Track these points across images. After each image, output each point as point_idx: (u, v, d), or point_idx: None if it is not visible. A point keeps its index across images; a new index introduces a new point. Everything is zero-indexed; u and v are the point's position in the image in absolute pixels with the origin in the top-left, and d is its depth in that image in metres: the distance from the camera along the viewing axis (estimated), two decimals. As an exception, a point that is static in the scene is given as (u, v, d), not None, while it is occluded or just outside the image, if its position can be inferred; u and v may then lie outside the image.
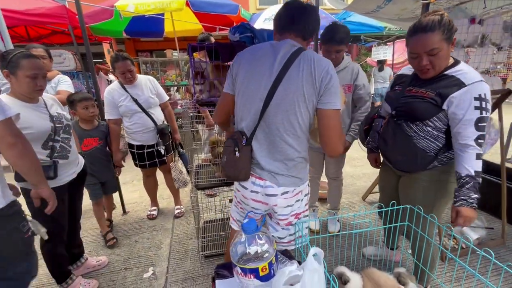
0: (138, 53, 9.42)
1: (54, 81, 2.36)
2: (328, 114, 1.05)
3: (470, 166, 1.16)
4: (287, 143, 1.10)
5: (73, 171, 1.64)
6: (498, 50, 2.02)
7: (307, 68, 1.03)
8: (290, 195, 1.16)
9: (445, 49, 1.18)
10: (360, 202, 2.80)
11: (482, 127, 1.17)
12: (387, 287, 1.27)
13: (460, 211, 1.20)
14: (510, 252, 1.99)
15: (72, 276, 1.74)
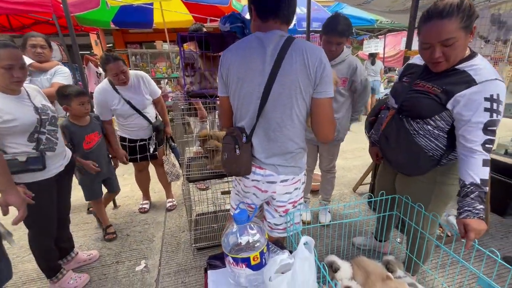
0: (127, 45, 9.18)
1: (51, 72, 2.26)
2: (323, 102, 1.05)
3: (476, 173, 1.05)
4: (286, 136, 1.11)
5: (61, 163, 1.60)
6: (486, 43, 2.06)
7: (300, 60, 1.00)
8: (289, 183, 1.17)
9: (462, 39, 1.03)
10: (351, 194, 2.85)
11: (491, 132, 1.04)
12: (375, 274, 1.31)
13: (468, 224, 1.06)
14: (493, 239, 2.07)
15: (62, 270, 1.72)
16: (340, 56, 1.86)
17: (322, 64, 1.01)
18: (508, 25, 2.00)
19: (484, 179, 1.05)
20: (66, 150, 1.71)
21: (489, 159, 1.06)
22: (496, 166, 2.56)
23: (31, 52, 2.20)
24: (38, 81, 2.22)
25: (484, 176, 1.05)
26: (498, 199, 2.27)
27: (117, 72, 2.00)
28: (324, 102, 1.06)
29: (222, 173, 1.80)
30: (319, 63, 1.01)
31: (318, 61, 1.01)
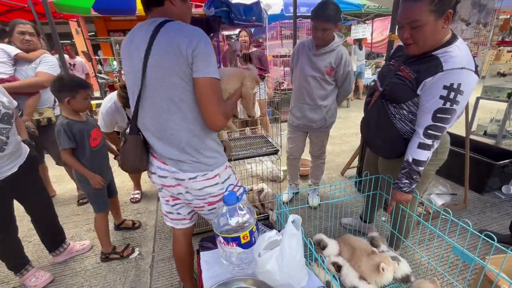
0: (110, 33, 8.85)
1: (36, 61, 2.14)
2: (200, 82, 0.95)
3: (410, 153, 1.16)
4: (174, 123, 1.01)
5: (14, 164, 1.50)
6: (467, 26, 2.10)
7: (171, 40, 0.93)
8: (201, 179, 1.07)
9: (431, 24, 1.03)
10: (339, 177, 2.93)
11: (440, 118, 1.06)
12: (361, 249, 1.38)
13: (393, 194, 1.28)
14: (470, 214, 2.20)
15: (27, 267, 1.70)
16: (330, 45, 1.85)
17: (194, 41, 0.92)
18: (488, 8, 2.04)
19: (417, 160, 1.15)
20: (23, 148, 1.60)
21: (429, 144, 1.11)
22: (475, 146, 2.69)
23: (19, 40, 2.10)
24: (22, 70, 2.11)
25: (417, 157, 1.15)
26: (476, 178, 2.39)
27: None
28: (202, 82, 0.95)
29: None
30: (189, 41, 0.92)
31: (188, 39, 0.92)
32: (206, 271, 1.04)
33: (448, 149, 1.37)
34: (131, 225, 2.23)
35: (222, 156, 1.14)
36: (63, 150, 1.56)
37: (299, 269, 0.91)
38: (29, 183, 1.63)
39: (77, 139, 1.60)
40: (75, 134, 1.58)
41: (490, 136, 3.20)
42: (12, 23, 2.15)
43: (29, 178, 1.62)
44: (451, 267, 1.67)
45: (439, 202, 2.18)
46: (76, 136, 1.59)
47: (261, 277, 0.91)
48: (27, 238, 2.13)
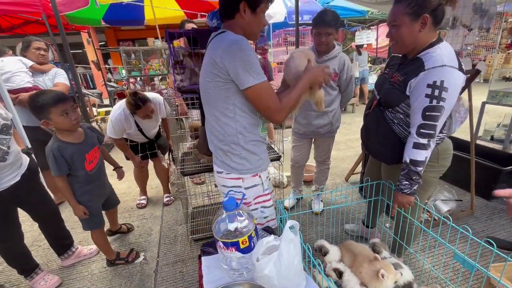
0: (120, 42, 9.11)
1: (51, 73, 2.43)
2: (247, 93, 1.04)
3: (407, 154, 1.18)
4: (217, 125, 1.15)
5: (16, 173, 1.52)
6: (469, 31, 2.11)
7: (209, 54, 1.06)
8: (224, 176, 1.22)
9: (407, 25, 1.10)
10: (343, 183, 2.92)
11: (429, 117, 1.09)
12: (362, 255, 1.38)
13: (394, 196, 1.28)
14: (477, 221, 2.16)
15: (37, 270, 1.75)
16: (331, 52, 1.92)
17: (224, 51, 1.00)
18: (490, 13, 2.04)
19: (414, 160, 1.15)
20: (23, 158, 1.61)
21: (423, 143, 1.13)
22: (482, 151, 2.65)
23: (34, 55, 2.39)
24: (41, 81, 2.40)
25: (414, 157, 1.15)
26: (483, 183, 2.35)
27: (147, 114, 2.10)
28: (249, 92, 1.03)
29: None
30: (220, 51, 1.01)
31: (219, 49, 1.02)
32: (207, 276, 1.06)
33: (450, 156, 1.37)
34: (127, 229, 2.29)
35: (251, 165, 1.20)
36: (56, 175, 1.48)
37: (297, 274, 0.92)
38: (32, 191, 1.67)
39: (69, 164, 1.49)
40: (66, 159, 1.46)
41: (497, 141, 3.14)
42: (27, 39, 2.40)
43: (31, 186, 1.65)
44: (455, 274, 1.65)
45: (444, 208, 2.15)
46: (68, 161, 1.48)
47: (259, 282, 0.92)
48: (37, 243, 2.19)
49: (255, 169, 1.22)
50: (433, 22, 1.11)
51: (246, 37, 1.10)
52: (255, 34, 1.15)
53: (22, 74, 2.28)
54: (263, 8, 1.10)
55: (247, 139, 1.16)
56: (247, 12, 1.07)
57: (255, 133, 1.18)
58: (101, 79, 5.63)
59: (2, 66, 2.23)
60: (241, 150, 1.16)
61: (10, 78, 2.23)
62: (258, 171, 1.23)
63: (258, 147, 1.21)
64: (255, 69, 1.01)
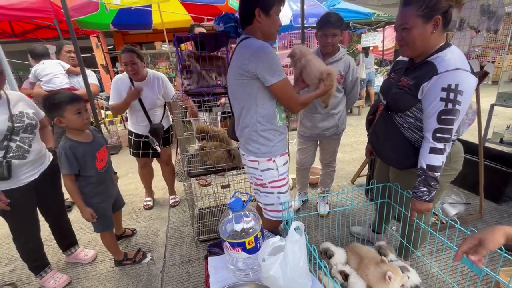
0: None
1: None
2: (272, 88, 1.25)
3: (423, 159, 1.15)
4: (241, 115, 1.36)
5: (36, 171, 1.60)
6: (476, 33, 2.09)
7: (236, 55, 1.27)
8: (245, 158, 1.44)
9: (419, 27, 1.10)
10: (349, 186, 2.91)
11: (445, 120, 1.07)
12: (368, 258, 1.38)
13: (412, 204, 1.23)
14: (486, 225, 2.12)
15: (46, 269, 1.79)
16: (336, 55, 1.94)
17: (251, 55, 1.19)
18: (498, 15, 2.02)
19: (431, 165, 1.13)
20: (47, 155, 1.68)
21: (440, 147, 1.10)
22: (491, 154, 2.61)
23: (66, 57, 2.67)
24: (75, 82, 2.66)
25: (431, 162, 1.13)
26: (493, 187, 2.32)
27: (126, 62, 2.12)
28: (273, 88, 1.24)
29: (222, 167, 1.88)
30: (247, 56, 1.20)
31: (246, 54, 1.21)
32: (213, 276, 1.07)
33: (462, 159, 1.35)
34: (131, 233, 2.30)
35: (266, 150, 1.37)
36: (65, 175, 1.50)
37: (302, 275, 0.93)
38: (50, 189, 1.75)
39: (81, 163, 1.51)
40: (78, 158, 1.49)
41: (507, 144, 3.08)
42: (59, 43, 2.70)
43: (50, 183, 1.73)
44: (463, 278, 1.62)
45: (452, 211, 2.12)
46: (80, 161, 1.50)
47: (265, 282, 0.93)
48: (48, 242, 2.24)
49: (269, 154, 1.37)
50: (443, 24, 1.11)
51: (265, 38, 1.29)
52: (273, 35, 1.31)
53: (62, 76, 2.55)
54: (276, 10, 1.25)
55: (264, 127, 1.33)
56: (262, 16, 1.23)
57: (273, 123, 1.35)
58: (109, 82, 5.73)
59: (44, 68, 2.49)
60: (258, 136, 1.34)
61: (51, 80, 2.49)
62: (272, 156, 1.38)
63: (274, 135, 1.37)
64: (276, 69, 1.21)
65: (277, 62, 1.22)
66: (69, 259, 2.02)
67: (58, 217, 1.90)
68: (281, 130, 1.39)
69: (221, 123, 2.92)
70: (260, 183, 1.44)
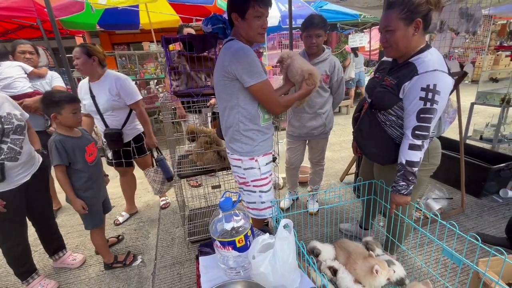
0: (114, 46, 9.10)
1: (48, 77, 2.42)
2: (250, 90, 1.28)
3: (402, 155, 1.21)
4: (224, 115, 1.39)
5: (28, 173, 1.59)
6: (456, 35, 2.18)
7: (220, 57, 1.30)
8: (230, 156, 1.47)
9: (401, 30, 1.15)
10: (338, 183, 2.97)
11: (424, 119, 1.13)
12: (356, 253, 1.42)
13: (391, 197, 1.31)
14: (468, 218, 2.22)
15: (33, 275, 1.75)
16: (322, 55, 1.98)
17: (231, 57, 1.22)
18: (476, 18, 2.12)
19: (410, 161, 1.19)
20: (36, 158, 1.67)
21: (418, 144, 1.17)
22: (471, 150, 2.72)
23: (21, 58, 2.35)
24: (39, 85, 2.37)
25: (410, 158, 1.19)
26: (474, 182, 2.42)
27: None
28: (252, 89, 1.27)
29: (212, 168, 1.88)
30: (228, 57, 1.22)
31: (227, 55, 1.23)
32: (204, 275, 1.09)
33: (439, 154, 1.42)
34: (116, 240, 2.22)
35: (248, 149, 1.39)
36: (54, 166, 1.54)
37: (291, 271, 0.95)
38: (39, 191, 1.73)
39: (71, 156, 1.56)
40: (68, 151, 1.55)
41: (486, 140, 3.23)
42: (13, 43, 2.39)
43: (39, 186, 1.71)
44: (446, 270, 1.69)
45: (435, 206, 2.20)
46: (70, 153, 1.56)
47: (255, 279, 0.95)
48: (34, 248, 2.18)
49: (251, 153, 1.40)
50: (424, 26, 1.17)
51: (248, 40, 1.30)
52: (254, 37, 1.29)
53: (23, 80, 2.25)
54: (252, 13, 1.23)
55: (247, 127, 1.36)
56: (239, 20, 1.25)
57: (256, 123, 1.37)
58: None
59: (0, 72, 2.19)
60: (241, 136, 1.37)
61: (11, 84, 2.19)
62: (254, 155, 1.40)
63: (257, 135, 1.39)
64: (255, 71, 1.23)
65: (256, 64, 1.23)
66: (56, 264, 1.98)
67: (46, 221, 1.86)
68: (264, 130, 1.41)
69: (211, 123, 2.93)
70: (243, 181, 1.47)
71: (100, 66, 2.02)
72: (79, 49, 1.92)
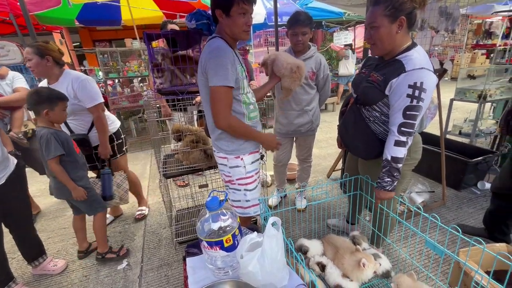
0: (95, 43, 8.78)
1: (9, 77, 2.26)
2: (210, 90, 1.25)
3: (388, 151, 1.22)
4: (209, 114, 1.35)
5: (2, 175, 1.52)
6: (436, 33, 2.25)
7: (203, 52, 1.26)
8: (216, 154, 1.46)
9: (385, 27, 1.16)
10: (325, 180, 3.01)
11: (410, 116, 1.15)
12: (343, 247, 1.44)
13: (376, 193, 1.32)
14: (449, 210, 2.30)
15: (11, 284, 1.67)
16: (307, 53, 1.99)
17: (207, 55, 1.20)
18: (454, 16, 2.19)
19: (395, 157, 1.21)
20: (10, 160, 1.61)
21: (404, 140, 1.18)
22: (451, 145, 2.82)
23: None
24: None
25: (395, 154, 1.20)
26: (454, 175, 2.52)
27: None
28: (211, 90, 1.23)
29: (199, 167, 1.85)
30: (205, 55, 1.21)
31: (205, 53, 1.22)
32: (192, 276, 1.06)
33: (421, 149, 1.46)
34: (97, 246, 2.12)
35: (234, 148, 1.38)
36: (52, 158, 1.57)
37: (280, 269, 0.95)
38: (15, 195, 1.64)
39: (65, 147, 1.63)
40: (63, 142, 1.62)
41: (464, 135, 3.36)
42: None
43: (16, 190, 1.63)
44: (428, 260, 1.75)
45: (418, 200, 2.27)
46: (64, 144, 1.63)
47: (244, 279, 0.94)
48: (11, 255, 2.08)
49: (237, 152, 1.39)
50: (408, 24, 1.19)
51: (232, 38, 1.27)
52: (238, 34, 1.26)
53: None
54: (236, 10, 1.19)
55: None
56: (223, 16, 1.22)
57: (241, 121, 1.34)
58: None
59: None
60: (226, 134, 1.35)
61: None
62: (240, 153, 1.39)
63: None
64: (220, 73, 1.18)
65: (226, 67, 1.18)
66: (36, 271, 1.89)
67: (24, 226, 1.76)
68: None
69: (198, 122, 2.88)
70: (229, 180, 1.47)
71: (57, 66, 1.85)
72: (29, 49, 1.76)
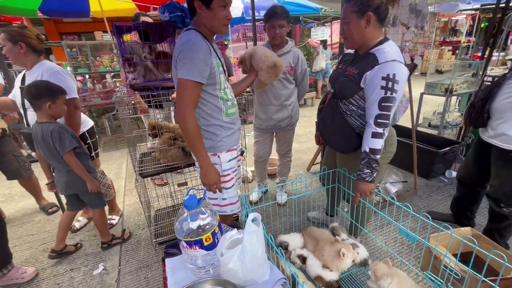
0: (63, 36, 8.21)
1: None
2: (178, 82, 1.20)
3: (366, 143, 1.25)
4: None
5: None
6: (407, 29, 2.33)
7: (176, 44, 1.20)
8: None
9: (354, 22, 1.21)
10: (305, 173, 3.06)
11: (385, 107, 1.18)
12: (323, 239, 1.48)
13: (356, 185, 1.33)
14: (420, 199, 2.44)
15: None
16: (285, 47, 1.99)
17: (179, 47, 1.16)
18: (423, 14, 2.29)
19: (373, 149, 1.24)
20: None
21: (380, 132, 1.22)
22: (421, 137, 2.98)
23: None
24: None
25: (373, 146, 1.23)
26: (424, 165, 2.66)
27: None
28: (178, 81, 1.17)
29: (177, 165, 1.80)
30: (177, 47, 1.17)
31: (177, 45, 1.18)
32: (171, 277, 1.04)
33: (395, 142, 1.52)
34: (74, 249, 2.04)
35: (211, 145, 1.34)
36: (68, 152, 1.60)
37: (261, 265, 0.95)
38: None
39: (75, 138, 1.66)
40: (71, 135, 1.64)
41: (433, 127, 3.56)
42: None
43: None
44: (402, 247, 1.85)
45: (393, 190, 2.38)
46: (73, 137, 1.65)
47: (225, 276, 0.93)
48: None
49: (214, 149, 1.36)
50: (377, 19, 1.22)
51: (210, 31, 1.23)
52: (218, 28, 1.22)
53: None
54: (218, 2, 1.16)
55: (208, 122, 1.31)
56: (203, 8, 1.17)
57: (217, 118, 1.31)
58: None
59: None
60: (203, 131, 1.32)
61: None
62: (216, 151, 1.36)
63: (220, 130, 1.34)
64: (189, 66, 1.13)
65: (196, 62, 1.14)
66: (2, 281, 1.74)
67: None
68: (228, 126, 1.36)
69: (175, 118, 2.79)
70: None
71: (34, 54, 1.74)
72: (3, 34, 1.65)
